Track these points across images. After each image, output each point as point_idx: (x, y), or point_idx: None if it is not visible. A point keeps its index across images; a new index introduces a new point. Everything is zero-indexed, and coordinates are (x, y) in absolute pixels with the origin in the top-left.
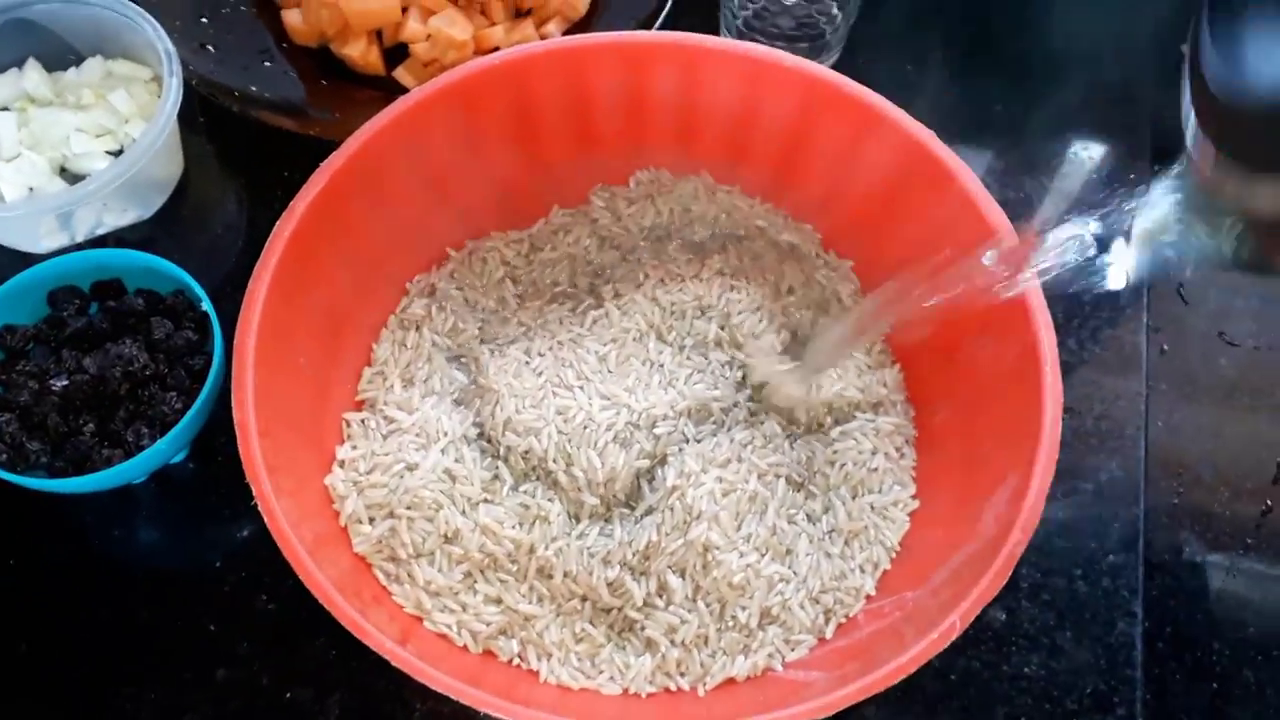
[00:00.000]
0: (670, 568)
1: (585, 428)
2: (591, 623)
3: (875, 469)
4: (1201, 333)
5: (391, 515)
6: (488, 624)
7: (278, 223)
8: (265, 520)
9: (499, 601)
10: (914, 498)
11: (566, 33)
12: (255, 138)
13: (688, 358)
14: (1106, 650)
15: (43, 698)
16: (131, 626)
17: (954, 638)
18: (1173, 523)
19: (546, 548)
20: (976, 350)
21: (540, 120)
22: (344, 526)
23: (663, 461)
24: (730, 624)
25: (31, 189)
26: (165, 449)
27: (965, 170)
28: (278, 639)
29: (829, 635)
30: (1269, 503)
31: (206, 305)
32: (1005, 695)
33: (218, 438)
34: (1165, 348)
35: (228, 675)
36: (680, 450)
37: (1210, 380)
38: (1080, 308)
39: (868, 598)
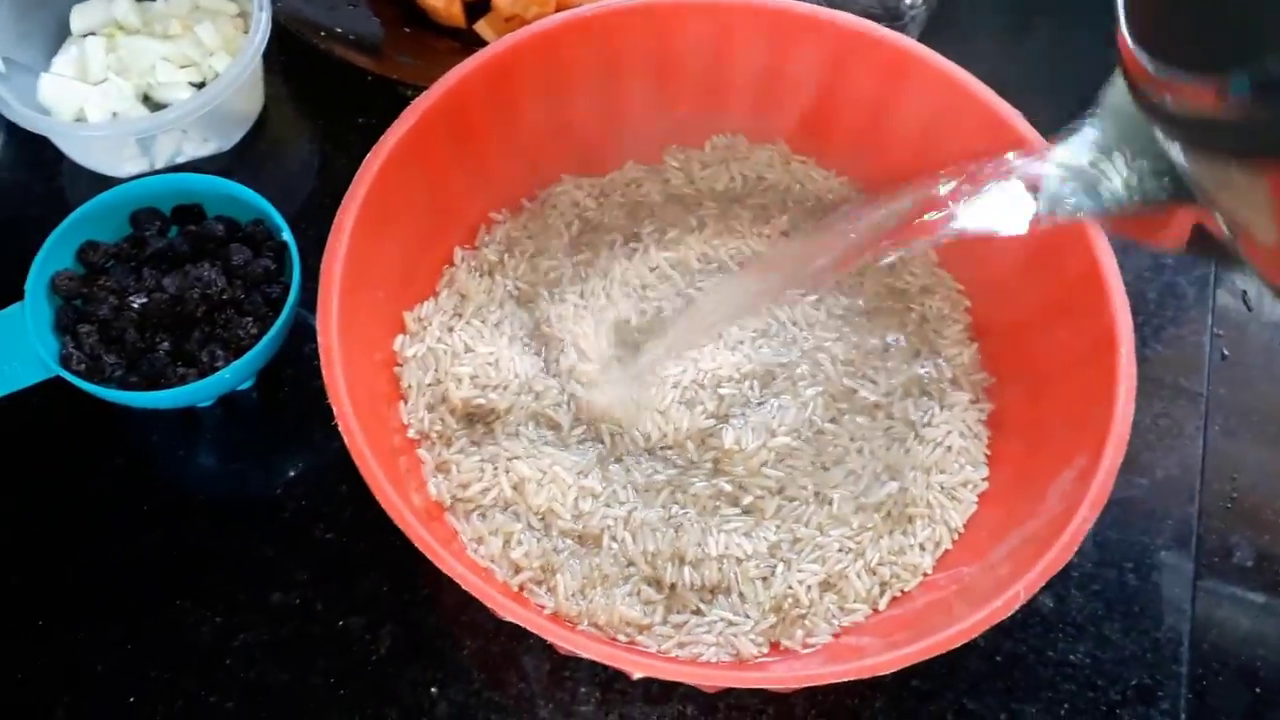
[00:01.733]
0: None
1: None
2: (639, 593)
3: (950, 448)
4: (1264, 341)
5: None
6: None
7: (368, 155)
8: (345, 440)
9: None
10: (985, 480)
11: None
12: (332, 81)
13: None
14: (1153, 645)
15: (98, 610)
16: (189, 546)
17: (1016, 607)
18: (1225, 526)
19: (600, 516)
20: (1051, 330)
21: (621, 76)
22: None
23: (725, 420)
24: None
25: (115, 114)
26: (239, 372)
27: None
28: (333, 569)
29: (882, 607)
30: None
31: (286, 235)
32: (1050, 680)
33: (284, 369)
34: (1226, 352)
35: (283, 600)
36: (744, 415)
37: (1269, 388)
38: (1145, 304)
39: (924, 574)
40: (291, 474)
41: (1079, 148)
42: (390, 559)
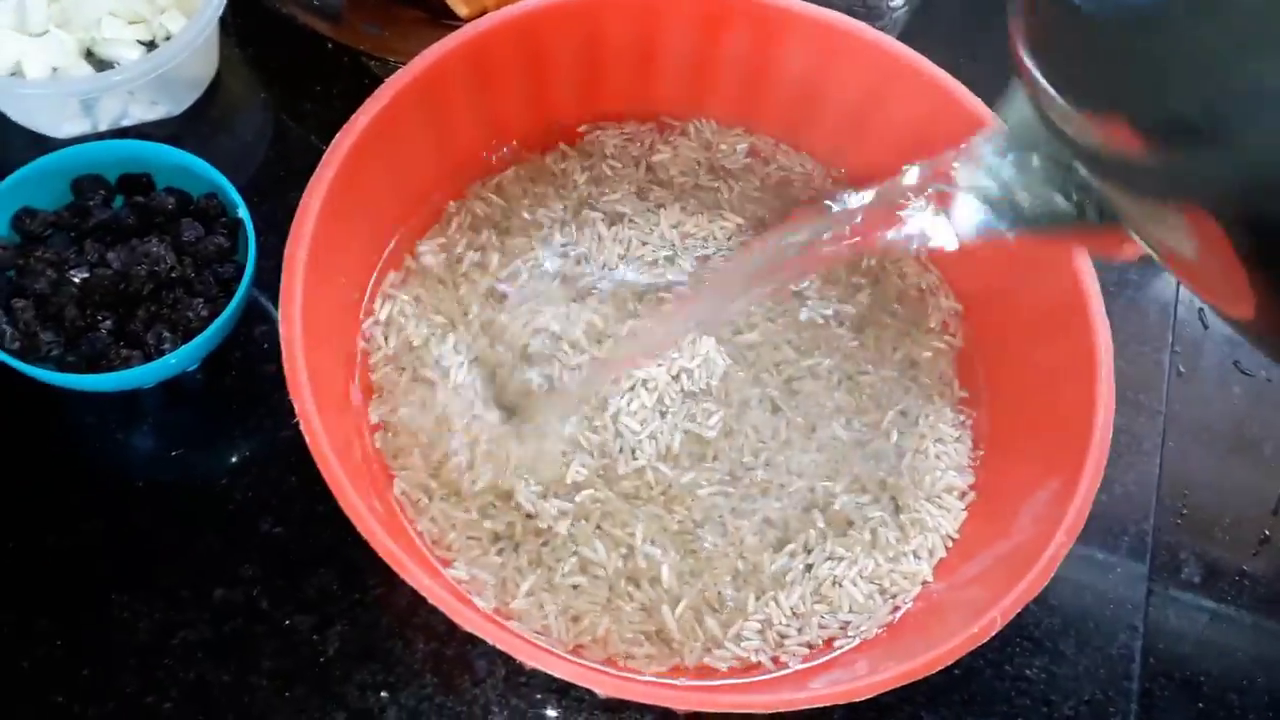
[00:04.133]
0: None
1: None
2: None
3: (927, 454)
4: (1218, 359)
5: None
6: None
7: (337, 135)
8: (306, 440)
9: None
10: (971, 488)
11: None
12: (290, 48)
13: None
14: (1107, 661)
15: (26, 602)
16: (127, 537)
17: (994, 633)
18: (1175, 542)
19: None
20: (1029, 346)
21: (603, 63)
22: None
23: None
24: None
25: (56, 69)
26: (187, 356)
27: None
28: (280, 564)
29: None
30: (1267, 532)
31: (242, 211)
32: (1005, 695)
33: (232, 352)
34: (1182, 369)
35: (226, 596)
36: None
37: (1222, 406)
38: (1109, 318)
39: (924, 583)
40: (238, 463)
41: (980, 169)
42: (341, 555)
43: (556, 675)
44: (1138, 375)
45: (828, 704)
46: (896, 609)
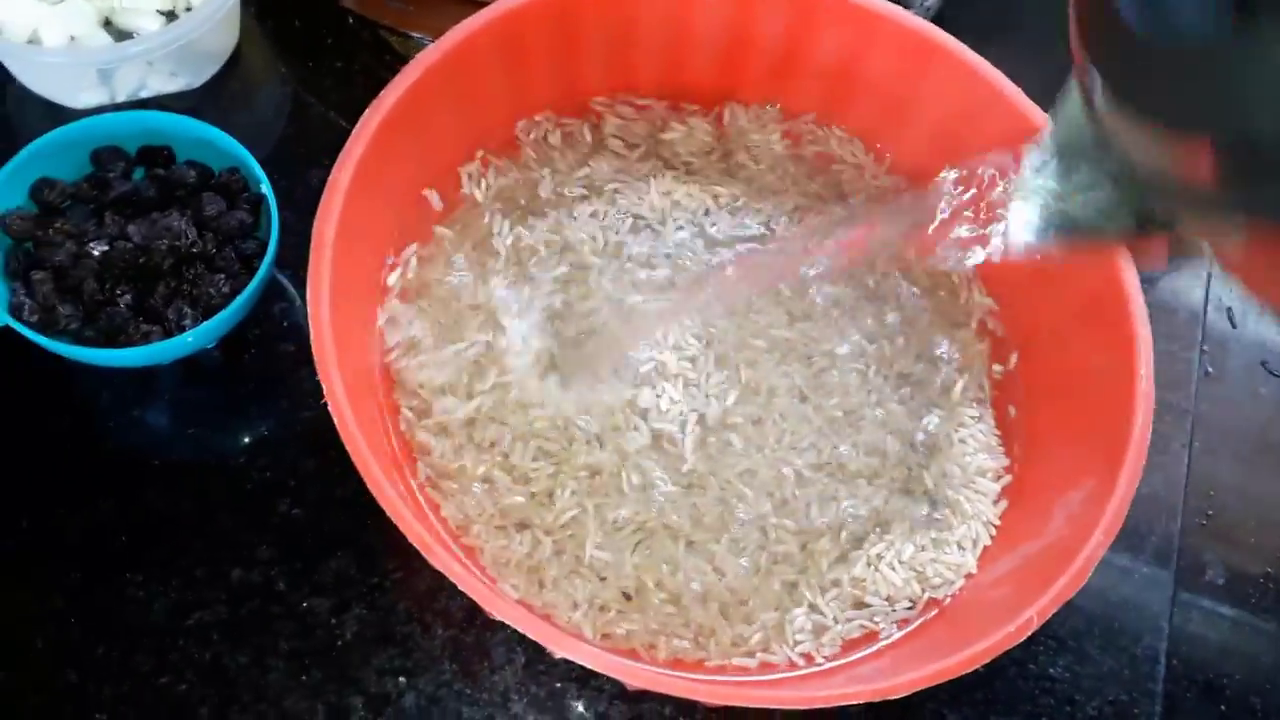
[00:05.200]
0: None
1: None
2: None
3: (961, 447)
4: (1246, 360)
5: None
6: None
7: (366, 111)
8: (334, 419)
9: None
10: (1005, 476)
11: None
12: (309, 22)
13: None
14: (1131, 662)
15: (40, 580)
16: (142, 516)
17: (1029, 633)
18: (1200, 544)
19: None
20: (1066, 340)
21: (635, 43)
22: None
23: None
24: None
25: (74, 38)
26: (207, 334)
27: None
28: (297, 546)
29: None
30: None
31: (265, 187)
32: (1029, 694)
33: (251, 329)
34: (1210, 369)
35: (243, 577)
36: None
37: (1250, 408)
38: None
39: (968, 576)
40: (255, 443)
41: (1034, 178)
42: (359, 539)
43: (589, 666)
44: (1165, 374)
45: (856, 702)
46: (934, 605)
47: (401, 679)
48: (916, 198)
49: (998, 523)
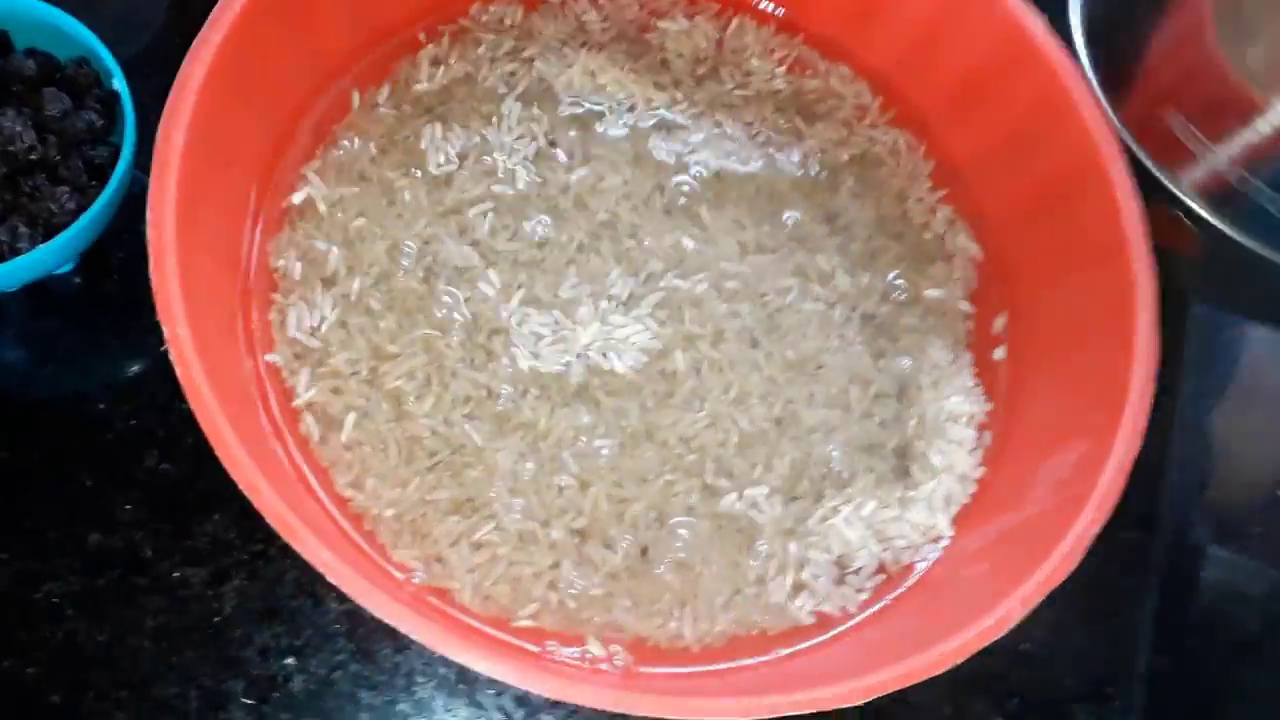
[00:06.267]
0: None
1: None
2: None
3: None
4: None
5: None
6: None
7: None
8: (178, 373)
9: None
10: (989, 422)
11: None
12: None
13: None
14: (1110, 633)
15: None
16: None
17: (1011, 626)
18: (1186, 506)
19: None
20: (1057, 280)
21: None
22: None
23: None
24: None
25: None
26: (48, 257)
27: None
28: (168, 507)
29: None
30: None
31: (119, 82)
32: (1002, 671)
33: (114, 251)
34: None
35: (102, 542)
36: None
37: (1242, 362)
38: None
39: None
40: (119, 384)
41: None
42: (240, 498)
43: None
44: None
45: (807, 710)
46: (901, 579)
47: (289, 660)
48: None
49: (975, 477)
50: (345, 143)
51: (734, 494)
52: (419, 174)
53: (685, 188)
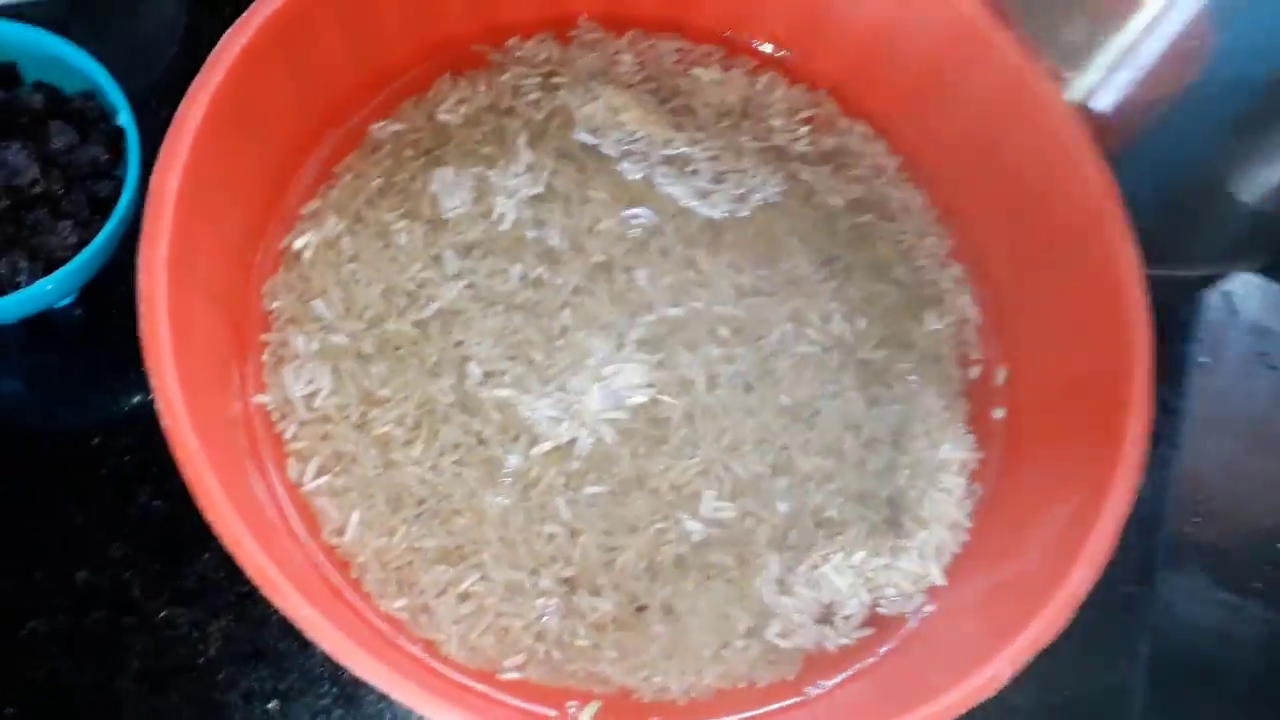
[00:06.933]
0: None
1: None
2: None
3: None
4: (1242, 351)
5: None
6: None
7: (227, 33)
8: (163, 424)
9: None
10: (981, 472)
11: None
12: None
13: None
14: (1113, 662)
15: None
16: None
17: (1000, 687)
18: (1184, 551)
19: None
20: (1053, 335)
21: None
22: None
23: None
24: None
25: None
26: (48, 292)
27: None
28: (157, 545)
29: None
30: None
31: (125, 117)
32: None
33: (117, 285)
34: (1204, 360)
35: (91, 580)
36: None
37: (1244, 401)
38: None
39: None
40: (115, 419)
41: None
42: None
43: None
44: (1158, 364)
45: None
46: (891, 633)
47: (274, 703)
48: None
49: (967, 526)
50: (344, 184)
51: (726, 544)
52: (415, 216)
53: (683, 230)
